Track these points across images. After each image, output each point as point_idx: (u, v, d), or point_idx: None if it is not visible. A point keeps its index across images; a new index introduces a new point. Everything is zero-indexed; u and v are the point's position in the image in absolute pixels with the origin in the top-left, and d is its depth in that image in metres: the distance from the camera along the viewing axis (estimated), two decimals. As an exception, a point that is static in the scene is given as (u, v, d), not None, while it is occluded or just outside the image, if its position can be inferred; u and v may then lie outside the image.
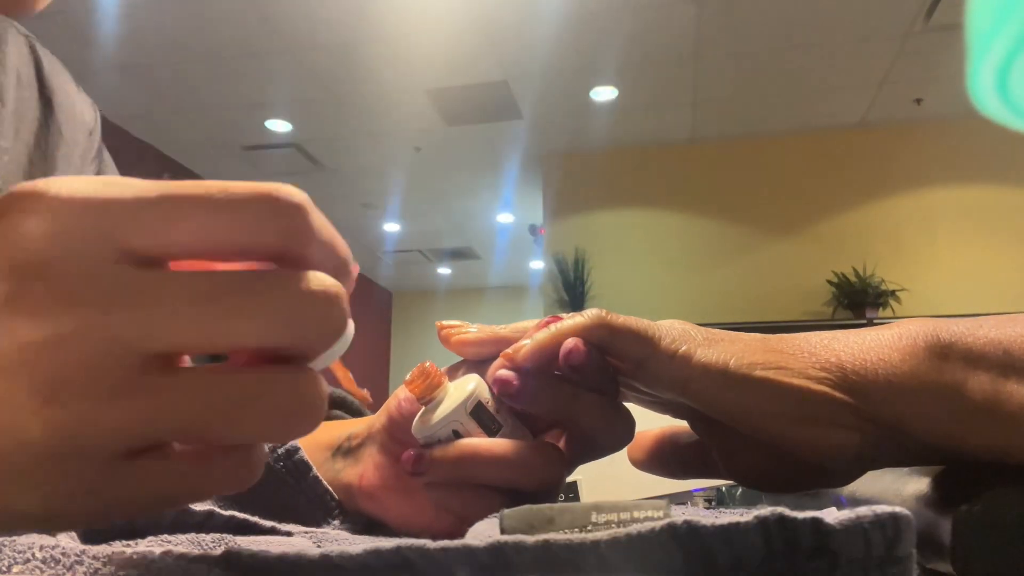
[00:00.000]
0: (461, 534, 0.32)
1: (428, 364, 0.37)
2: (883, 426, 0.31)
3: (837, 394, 0.31)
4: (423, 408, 0.38)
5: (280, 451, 0.43)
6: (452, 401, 0.37)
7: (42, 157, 0.61)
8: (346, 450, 0.44)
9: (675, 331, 0.34)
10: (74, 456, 0.20)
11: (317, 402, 0.23)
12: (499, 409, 0.38)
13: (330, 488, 0.43)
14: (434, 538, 0.22)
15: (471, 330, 0.39)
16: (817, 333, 0.34)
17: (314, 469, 0.43)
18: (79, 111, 0.67)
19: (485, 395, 0.37)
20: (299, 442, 0.45)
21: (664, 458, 0.42)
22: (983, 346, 0.30)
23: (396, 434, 0.41)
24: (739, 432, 0.34)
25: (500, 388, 0.35)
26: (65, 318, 0.20)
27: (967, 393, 0.29)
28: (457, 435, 0.37)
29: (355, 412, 0.54)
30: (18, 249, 0.20)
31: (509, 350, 0.36)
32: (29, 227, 0.20)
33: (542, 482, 0.37)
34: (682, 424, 0.41)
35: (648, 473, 0.43)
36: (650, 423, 0.43)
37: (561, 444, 0.40)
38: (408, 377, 0.37)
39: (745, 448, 0.36)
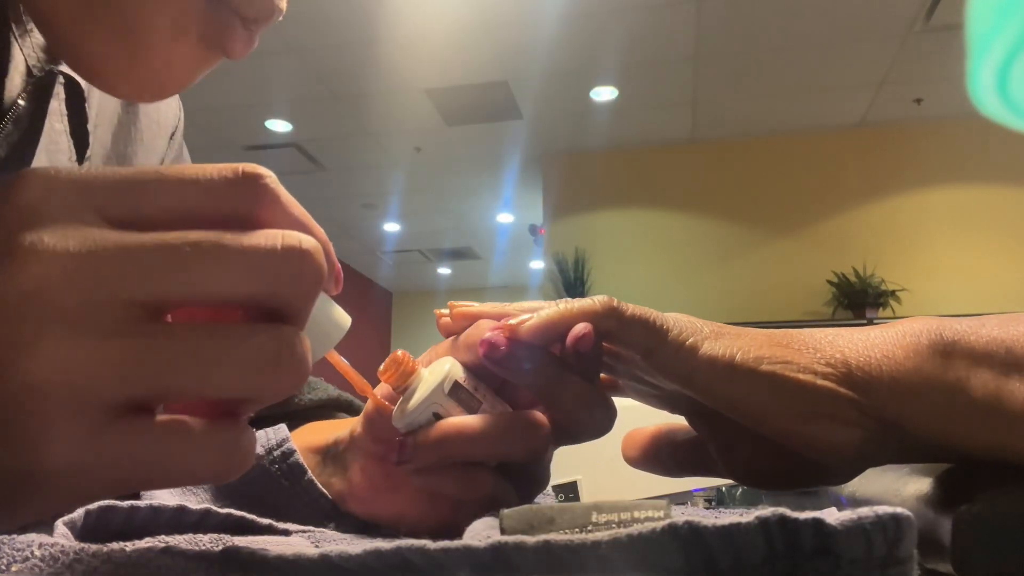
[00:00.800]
0: (457, 520, 0.33)
1: (400, 353, 0.36)
2: (886, 423, 0.31)
3: (841, 390, 0.31)
4: (400, 398, 0.37)
5: (276, 453, 0.43)
6: (428, 385, 0.36)
7: (119, 160, 0.58)
8: (334, 455, 0.44)
9: (682, 323, 0.34)
10: (67, 400, 0.21)
11: (299, 357, 0.23)
12: (477, 387, 0.37)
13: (325, 491, 0.43)
14: (433, 535, 0.22)
15: (473, 306, 0.39)
16: (821, 330, 0.34)
17: (309, 472, 0.43)
18: (163, 112, 0.63)
19: (461, 374, 0.37)
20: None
21: (661, 456, 0.42)
22: (986, 344, 0.30)
23: (377, 434, 0.40)
24: (739, 427, 0.34)
25: (487, 351, 0.34)
26: (53, 265, 0.21)
27: (969, 391, 0.29)
28: (438, 417, 0.36)
29: (357, 414, 0.54)
30: (11, 209, 0.22)
31: (513, 321, 0.35)
32: (20, 195, 0.22)
33: (529, 452, 0.36)
34: (679, 421, 0.41)
35: (643, 471, 0.43)
36: (647, 420, 0.43)
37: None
38: (381, 368, 0.36)
39: (745, 444, 0.36)
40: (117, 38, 0.37)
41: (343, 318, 0.29)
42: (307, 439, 0.45)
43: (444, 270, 8.17)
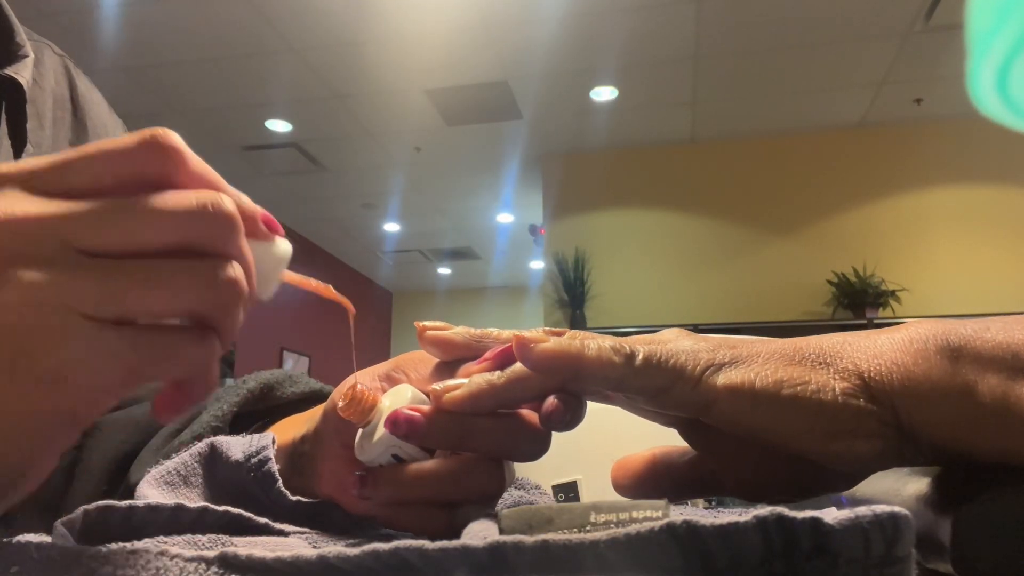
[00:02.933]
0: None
1: (358, 387, 0.37)
2: (901, 431, 0.31)
3: (861, 403, 0.31)
4: (361, 430, 0.37)
5: (253, 461, 0.42)
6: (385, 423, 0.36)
7: None
8: (300, 452, 0.44)
9: (692, 352, 0.33)
10: (64, 314, 0.26)
11: (230, 277, 0.28)
12: None
13: (299, 498, 0.42)
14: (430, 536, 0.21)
15: (455, 331, 0.39)
16: (829, 337, 0.34)
17: (279, 482, 0.42)
18: (111, 133, 0.68)
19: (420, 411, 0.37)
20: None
21: (659, 481, 0.41)
22: (992, 349, 0.30)
23: (346, 439, 0.40)
24: (740, 442, 0.34)
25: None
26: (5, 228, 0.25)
27: (978, 396, 0.29)
28: (397, 458, 0.37)
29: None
30: None
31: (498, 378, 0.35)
32: None
33: (483, 495, 0.37)
34: (670, 444, 0.41)
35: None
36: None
37: None
38: (341, 404, 0.37)
39: (748, 458, 0.36)
40: None
41: (283, 249, 0.32)
42: (280, 437, 0.45)
43: (444, 270, 8.17)
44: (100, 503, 0.29)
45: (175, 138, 0.29)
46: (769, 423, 0.32)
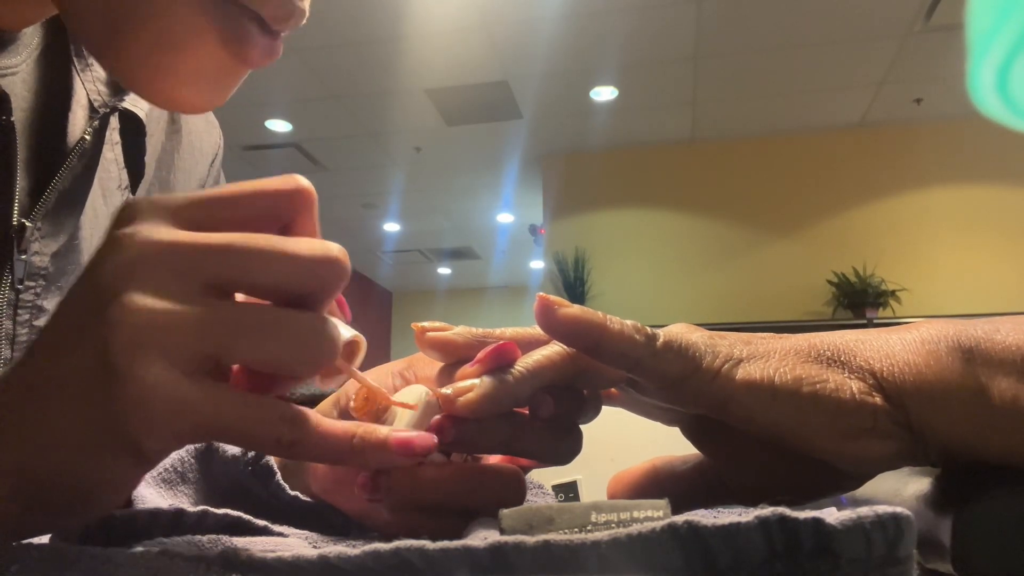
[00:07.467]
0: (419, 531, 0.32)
1: (372, 386, 0.35)
2: (914, 431, 0.31)
3: (878, 402, 0.31)
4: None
5: (250, 455, 0.42)
6: (402, 424, 0.35)
7: (161, 186, 0.59)
8: None
9: (710, 344, 0.33)
10: (161, 349, 0.25)
11: (333, 335, 0.28)
12: None
13: (297, 495, 0.42)
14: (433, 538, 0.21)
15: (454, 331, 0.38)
16: (842, 335, 0.33)
17: (278, 475, 0.42)
18: (204, 139, 0.65)
19: (435, 413, 0.35)
20: None
21: (661, 491, 0.39)
22: (1002, 351, 0.30)
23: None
24: (747, 440, 0.34)
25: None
26: (146, 247, 0.26)
27: (989, 398, 0.29)
28: None
29: None
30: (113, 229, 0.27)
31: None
32: (120, 221, 0.27)
33: (500, 506, 0.36)
34: (670, 444, 0.40)
35: None
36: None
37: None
38: (352, 404, 0.35)
39: (754, 459, 0.35)
40: (142, 44, 0.39)
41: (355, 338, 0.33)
42: None
43: (444, 270, 8.17)
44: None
45: (311, 186, 0.30)
46: (787, 420, 0.31)
